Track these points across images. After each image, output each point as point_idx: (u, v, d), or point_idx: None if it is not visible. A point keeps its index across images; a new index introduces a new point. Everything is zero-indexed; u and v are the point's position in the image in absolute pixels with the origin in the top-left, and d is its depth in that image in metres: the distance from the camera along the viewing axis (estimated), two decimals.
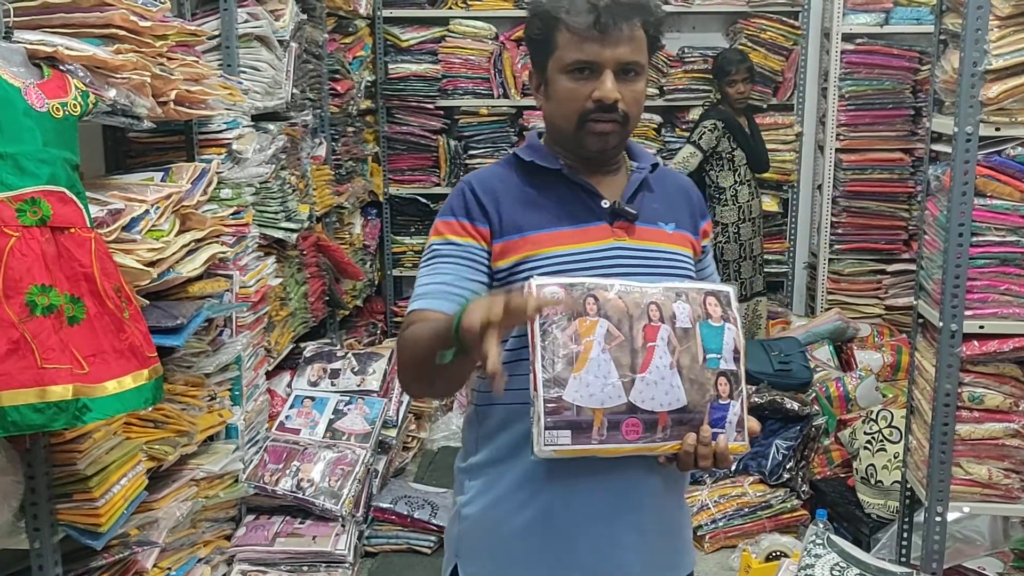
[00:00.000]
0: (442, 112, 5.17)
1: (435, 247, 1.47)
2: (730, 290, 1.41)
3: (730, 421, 1.35)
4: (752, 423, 1.38)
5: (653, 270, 1.45)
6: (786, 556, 3.00)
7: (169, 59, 2.32)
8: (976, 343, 2.41)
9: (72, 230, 1.80)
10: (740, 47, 4.96)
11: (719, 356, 1.35)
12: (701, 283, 1.44)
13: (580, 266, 1.41)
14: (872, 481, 3.30)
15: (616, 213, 1.47)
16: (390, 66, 5.10)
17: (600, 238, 1.45)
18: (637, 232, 1.48)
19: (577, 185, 1.48)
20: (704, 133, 4.35)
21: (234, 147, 2.80)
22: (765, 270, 4.73)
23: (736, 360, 1.36)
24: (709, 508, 3.37)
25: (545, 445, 1.25)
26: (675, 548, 1.54)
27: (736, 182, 4.44)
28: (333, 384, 3.56)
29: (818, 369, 4.33)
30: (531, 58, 1.52)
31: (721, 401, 1.34)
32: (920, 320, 2.72)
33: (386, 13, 5.09)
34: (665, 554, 1.51)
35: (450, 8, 5.10)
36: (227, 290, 2.60)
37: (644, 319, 1.31)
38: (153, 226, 2.17)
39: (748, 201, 4.48)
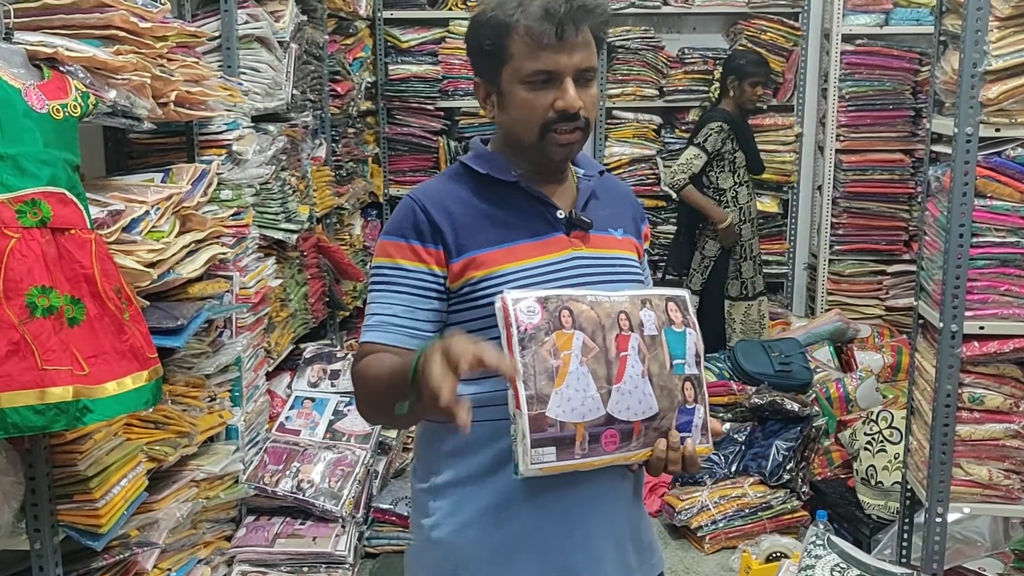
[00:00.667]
0: (442, 113, 5.17)
1: (384, 271, 1.42)
2: (686, 294, 1.42)
3: (696, 425, 1.36)
4: (715, 424, 1.39)
5: (610, 277, 1.44)
6: (786, 557, 3.00)
7: (169, 60, 2.32)
8: (976, 344, 2.41)
9: (72, 231, 1.79)
10: (740, 47, 4.97)
11: (684, 361, 1.36)
12: (659, 289, 1.43)
13: (543, 279, 1.39)
14: (872, 482, 3.30)
15: (572, 223, 1.46)
16: (390, 67, 5.11)
17: (559, 249, 1.44)
18: (592, 240, 1.47)
19: (533, 197, 1.46)
20: (711, 135, 4.33)
21: (234, 148, 2.80)
22: (764, 271, 4.73)
23: (698, 364, 1.38)
24: (709, 509, 3.37)
25: (532, 464, 1.23)
26: (651, 547, 1.55)
27: (736, 183, 4.43)
28: (333, 385, 3.56)
29: (818, 370, 4.33)
30: (477, 69, 1.46)
31: (687, 405, 1.35)
32: (920, 321, 2.72)
33: (386, 14, 5.09)
34: (641, 554, 1.51)
35: (450, 9, 5.10)
36: (227, 291, 2.60)
37: (615, 329, 1.30)
38: (153, 227, 2.17)
39: (747, 202, 4.48)
